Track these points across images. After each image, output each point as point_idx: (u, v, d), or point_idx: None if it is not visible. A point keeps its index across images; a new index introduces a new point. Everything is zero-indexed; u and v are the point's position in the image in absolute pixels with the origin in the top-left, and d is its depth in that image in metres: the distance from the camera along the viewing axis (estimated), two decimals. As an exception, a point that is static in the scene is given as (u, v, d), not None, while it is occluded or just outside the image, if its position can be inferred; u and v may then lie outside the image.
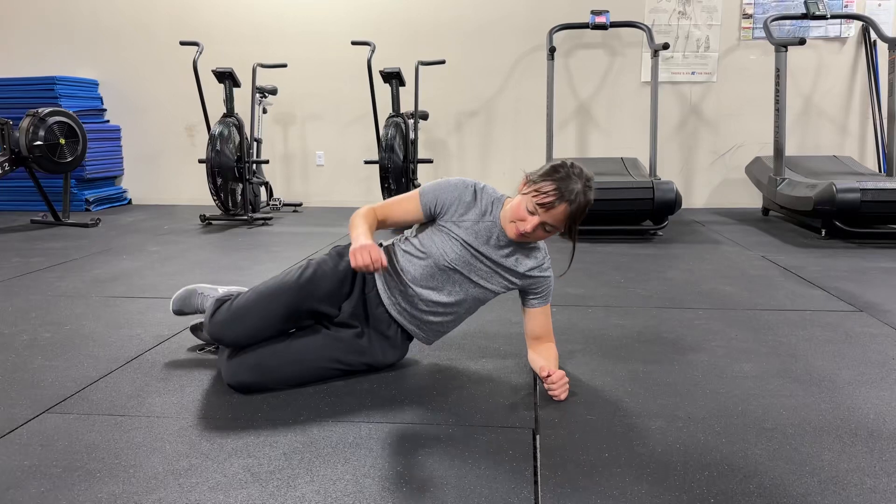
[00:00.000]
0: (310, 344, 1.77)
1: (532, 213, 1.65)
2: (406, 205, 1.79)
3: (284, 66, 5.35)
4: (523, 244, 1.79)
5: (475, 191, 1.78)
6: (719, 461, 1.39)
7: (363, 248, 1.60)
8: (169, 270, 3.24)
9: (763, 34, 5.19)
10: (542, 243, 1.85)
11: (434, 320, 1.84)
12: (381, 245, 1.84)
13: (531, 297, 1.84)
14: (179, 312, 2.07)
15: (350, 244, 1.72)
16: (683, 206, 5.19)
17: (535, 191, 1.65)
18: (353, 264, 1.60)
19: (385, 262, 1.62)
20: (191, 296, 2.05)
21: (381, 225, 1.80)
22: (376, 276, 1.82)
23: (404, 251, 1.81)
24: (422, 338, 1.89)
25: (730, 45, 5.51)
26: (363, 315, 1.84)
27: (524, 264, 1.80)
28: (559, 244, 1.86)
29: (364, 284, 1.84)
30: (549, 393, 1.69)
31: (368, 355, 1.82)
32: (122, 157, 6.12)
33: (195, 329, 2.11)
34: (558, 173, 1.65)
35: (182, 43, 5.10)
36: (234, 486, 1.30)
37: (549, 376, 1.68)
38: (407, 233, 1.88)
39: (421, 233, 1.82)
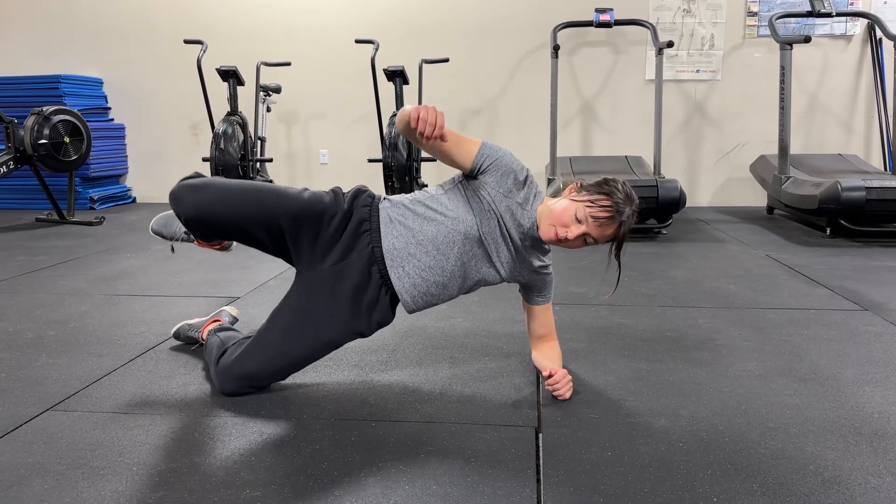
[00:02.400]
0: (297, 349, 1.69)
1: (580, 223, 1.60)
2: (465, 142, 1.67)
3: (288, 64, 5.35)
4: (539, 243, 1.76)
5: (528, 176, 1.71)
6: (722, 460, 1.39)
7: (431, 108, 1.50)
8: (173, 269, 3.25)
9: (768, 32, 5.16)
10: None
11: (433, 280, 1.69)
12: (371, 195, 1.74)
13: (536, 294, 1.83)
14: (158, 234, 2.06)
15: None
16: (687, 205, 5.17)
17: (591, 202, 1.60)
18: (413, 115, 1.51)
19: (443, 127, 1.53)
20: (174, 220, 2.03)
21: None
22: (383, 236, 1.66)
23: (417, 213, 1.68)
24: (408, 302, 1.72)
25: (734, 42, 5.50)
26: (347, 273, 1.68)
27: (538, 260, 1.77)
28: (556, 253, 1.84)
29: (358, 242, 1.68)
30: (553, 393, 1.68)
31: (354, 324, 1.70)
32: (126, 156, 6.14)
33: (178, 335, 2.12)
34: (617, 192, 1.61)
35: (186, 41, 5.12)
36: (238, 485, 1.30)
37: (551, 375, 1.68)
38: (419, 194, 1.75)
39: (450, 194, 1.71)
